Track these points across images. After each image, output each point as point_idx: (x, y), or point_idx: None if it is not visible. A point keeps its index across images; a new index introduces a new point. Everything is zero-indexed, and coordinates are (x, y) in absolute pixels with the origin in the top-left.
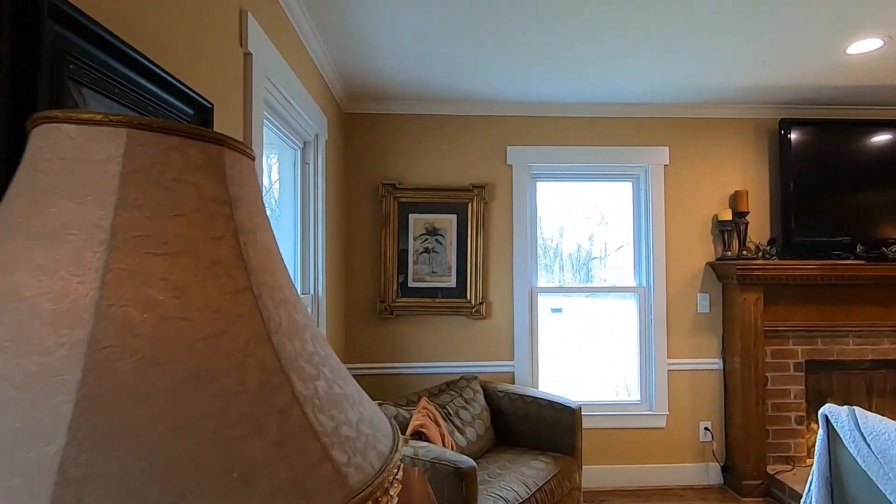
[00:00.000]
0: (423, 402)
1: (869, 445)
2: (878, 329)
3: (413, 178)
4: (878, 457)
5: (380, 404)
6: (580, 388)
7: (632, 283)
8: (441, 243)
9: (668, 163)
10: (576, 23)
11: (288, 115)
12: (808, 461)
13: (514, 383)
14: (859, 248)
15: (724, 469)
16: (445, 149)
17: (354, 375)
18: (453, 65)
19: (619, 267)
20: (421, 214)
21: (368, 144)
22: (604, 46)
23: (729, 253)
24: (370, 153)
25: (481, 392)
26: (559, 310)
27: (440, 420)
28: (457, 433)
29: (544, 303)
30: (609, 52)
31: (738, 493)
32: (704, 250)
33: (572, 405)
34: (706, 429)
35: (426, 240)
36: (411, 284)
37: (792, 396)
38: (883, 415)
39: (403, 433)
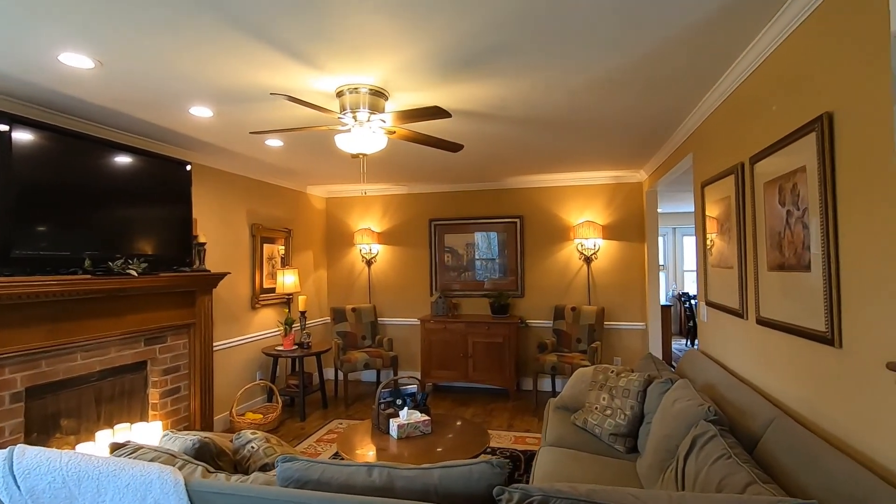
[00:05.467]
0: None
1: (19, 487)
2: (107, 339)
3: None
4: (28, 497)
5: None
6: None
7: None
8: None
9: None
10: None
11: None
12: None
13: None
14: (87, 262)
15: None
16: None
17: None
18: None
19: None
20: None
21: None
22: None
23: None
24: None
25: None
26: None
27: None
28: None
29: None
30: None
31: None
32: None
33: None
34: None
35: None
36: None
37: (8, 433)
38: (112, 416)
39: None
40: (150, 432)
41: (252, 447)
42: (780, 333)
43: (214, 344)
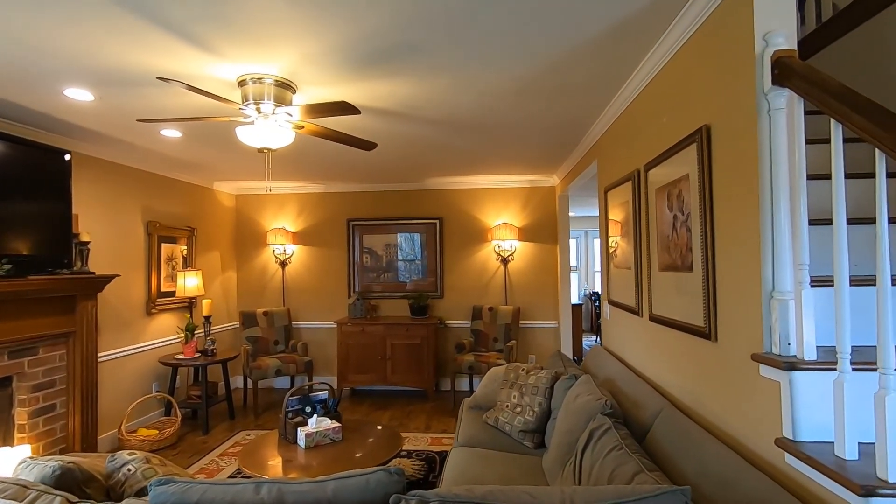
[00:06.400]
0: None
1: None
2: None
3: None
4: None
5: None
6: None
7: None
8: None
9: None
10: None
11: None
12: None
13: None
14: None
15: None
16: None
17: None
18: None
19: None
20: None
21: None
22: None
23: None
24: None
25: None
26: None
27: None
28: None
29: None
30: None
31: None
32: None
33: None
34: None
35: None
36: None
37: None
38: None
39: None
40: (13, 458)
41: (129, 469)
42: (669, 329)
43: (101, 354)
